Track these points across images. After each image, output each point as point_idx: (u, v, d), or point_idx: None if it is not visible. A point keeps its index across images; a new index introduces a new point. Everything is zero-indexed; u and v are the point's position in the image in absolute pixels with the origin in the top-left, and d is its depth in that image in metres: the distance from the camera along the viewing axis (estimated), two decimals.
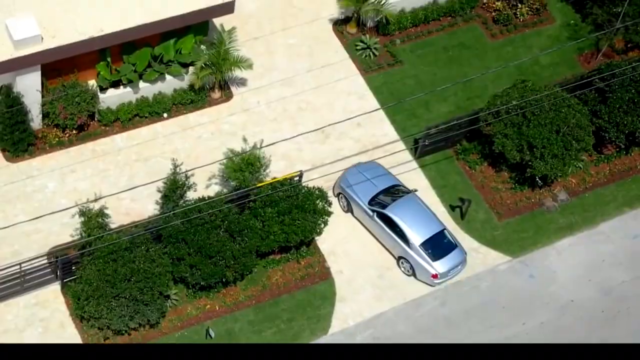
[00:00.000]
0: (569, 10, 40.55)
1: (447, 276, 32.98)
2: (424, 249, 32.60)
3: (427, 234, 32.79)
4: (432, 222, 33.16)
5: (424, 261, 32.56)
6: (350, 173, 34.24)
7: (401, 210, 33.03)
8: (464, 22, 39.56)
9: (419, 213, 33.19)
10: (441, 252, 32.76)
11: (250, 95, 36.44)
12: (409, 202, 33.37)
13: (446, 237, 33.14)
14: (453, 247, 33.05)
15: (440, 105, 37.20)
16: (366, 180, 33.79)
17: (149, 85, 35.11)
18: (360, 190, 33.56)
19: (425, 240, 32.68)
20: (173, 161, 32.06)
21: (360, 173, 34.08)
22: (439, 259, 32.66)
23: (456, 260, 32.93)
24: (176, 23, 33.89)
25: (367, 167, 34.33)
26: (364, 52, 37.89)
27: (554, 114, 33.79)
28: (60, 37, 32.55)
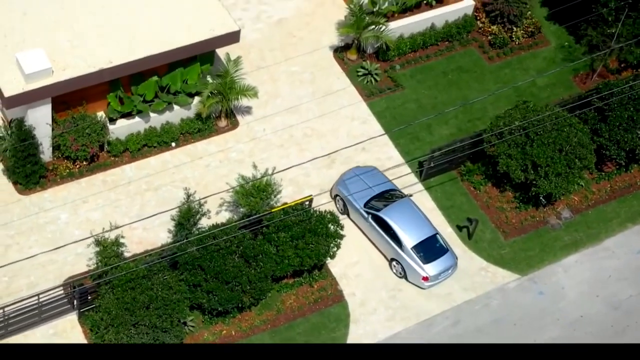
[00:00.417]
0: (562, 32, 41.21)
1: (438, 279, 33.50)
2: (415, 251, 33.22)
3: (420, 237, 33.44)
4: (425, 226, 33.80)
5: (416, 264, 33.16)
6: (347, 176, 34.96)
7: (395, 213, 33.68)
8: (461, 46, 40.11)
9: (412, 217, 33.82)
10: (432, 256, 33.35)
11: (256, 123, 36.76)
12: (404, 206, 34.02)
13: (438, 241, 33.76)
14: (444, 251, 33.66)
15: (442, 128, 37.65)
16: (363, 183, 34.43)
17: (157, 115, 35.37)
18: (357, 193, 34.15)
19: (418, 243, 33.34)
20: (186, 190, 32.27)
21: (358, 177, 34.81)
22: (430, 262, 33.26)
23: (447, 264, 33.48)
24: (183, 53, 34.21)
25: (364, 171, 35.08)
26: (365, 78, 38.33)
27: (556, 134, 34.30)
28: (70, 69, 32.79)
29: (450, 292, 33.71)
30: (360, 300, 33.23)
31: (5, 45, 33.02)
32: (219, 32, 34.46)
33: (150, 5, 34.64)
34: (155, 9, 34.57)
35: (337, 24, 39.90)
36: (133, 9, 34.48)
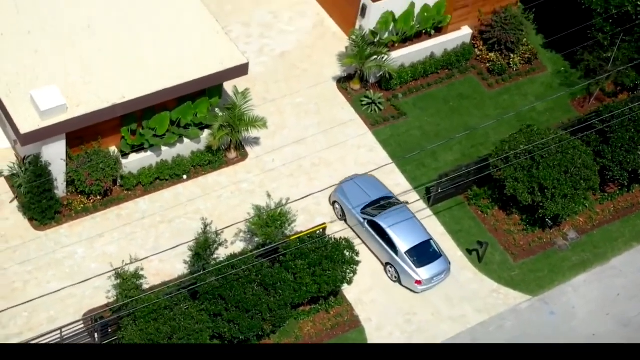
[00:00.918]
0: (558, 58, 41.84)
1: (431, 283, 34.05)
2: (409, 256, 33.86)
3: (413, 242, 34.12)
4: (419, 232, 34.50)
5: (409, 268, 33.76)
6: (346, 184, 35.70)
7: (390, 219, 34.41)
8: (461, 73, 40.65)
9: (407, 223, 34.48)
10: (426, 260, 34.01)
11: (265, 154, 37.03)
12: (399, 213, 34.72)
13: (432, 246, 34.40)
14: (438, 256, 34.29)
15: (446, 154, 38.06)
16: (361, 190, 35.07)
17: (168, 148, 35.58)
18: (354, 199, 34.97)
19: (411, 248, 33.99)
20: (203, 220, 32.43)
21: (356, 184, 35.42)
22: (423, 266, 33.86)
23: (440, 268, 34.10)
24: (194, 87, 34.49)
25: (363, 179, 35.75)
26: (370, 107, 38.74)
27: (561, 156, 34.78)
28: (84, 105, 32.98)
29: (464, 314, 33.98)
30: (376, 325, 33.42)
31: (18, 83, 33.18)
32: (228, 65, 34.79)
33: (160, 39, 34.94)
34: (164, 44, 34.86)
35: (338, 55, 40.36)
36: (142, 44, 34.76)
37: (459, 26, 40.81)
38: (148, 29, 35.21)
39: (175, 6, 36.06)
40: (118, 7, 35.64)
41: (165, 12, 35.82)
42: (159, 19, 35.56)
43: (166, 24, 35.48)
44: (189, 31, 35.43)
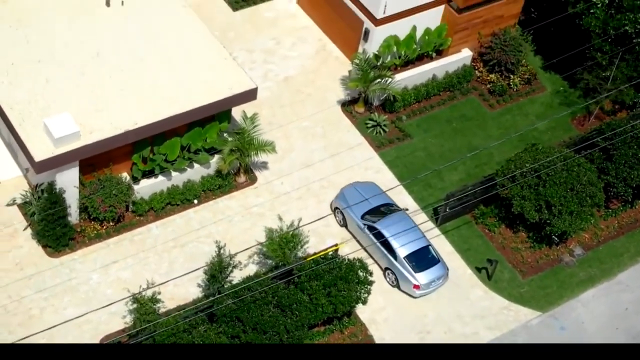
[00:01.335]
0: (557, 78, 42.28)
1: (429, 288, 34.46)
2: (408, 261, 34.25)
3: (412, 247, 34.47)
4: (417, 238, 34.86)
5: (408, 272, 34.14)
6: (347, 190, 36.08)
7: (390, 225, 34.80)
8: (462, 95, 40.98)
9: (406, 229, 34.78)
10: (424, 265, 34.43)
11: (273, 177, 37.18)
12: (399, 219, 35.09)
13: (430, 252, 34.82)
14: (436, 262, 34.71)
15: (451, 175, 38.31)
16: (361, 197, 35.46)
17: (179, 174, 35.67)
18: (355, 206, 35.29)
19: (410, 253, 34.36)
20: (217, 243, 32.50)
21: (357, 191, 35.84)
22: (421, 271, 34.25)
23: (438, 273, 34.51)
24: (204, 112, 34.64)
25: (363, 186, 36.16)
26: (375, 130, 39.00)
27: (566, 174, 35.08)
28: (96, 132, 33.06)
29: (476, 331, 34.13)
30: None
31: (31, 112, 33.25)
32: (237, 91, 34.98)
33: (169, 66, 35.10)
34: (173, 70, 35.02)
35: (341, 79, 40.66)
36: (151, 71, 34.91)
37: (460, 48, 41.17)
38: (156, 56, 35.37)
39: (183, 33, 36.27)
40: (125, 35, 35.81)
41: (173, 40, 36.01)
42: (167, 46, 35.73)
43: (174, 51, 35.65)
44: (198, 58, 35.61)
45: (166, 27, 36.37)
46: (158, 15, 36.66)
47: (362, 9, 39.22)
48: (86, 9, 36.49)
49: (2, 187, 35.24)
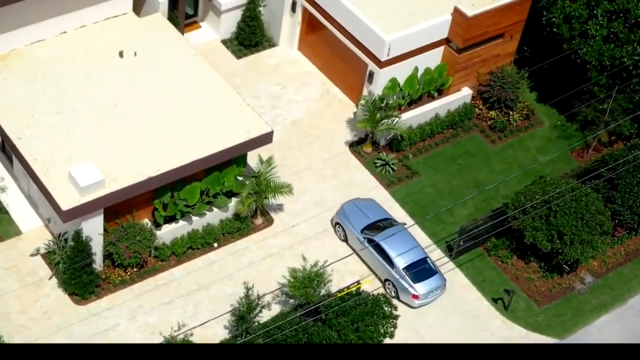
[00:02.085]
0: (553, 113, 43.04)
1: (427, 298, 35.22)
2: (406, 272, 35.11)
3: (411, 259, 35.38)
4: (415, 250, 35.77)
5: (406, 283, 35.00)
6: (348, 206, 36.99)
7: (389, 238, 35.73)
8: (464, 132, 41.60)
9: (404, 242, 35.77)
10: (422, 276, 35.27)
11: (289, 219, 37.43)
12: (397, 233, 36.01)
13: (428, 264, 35.66)
14: (433, 273, 35.54)
15: (461, 209, 38.78)
16: (362, 213, 36.42)
17: (198, 218, 35.81)
18: (355, 221, 36.36)
19: (408, 264, 35.24)
20: (245, 284, 32.62)
21: (357, 207, 36.73)
22: (419, 281, 35.10)
23: (435, 284, 35.35)
24: (223, 157, 34.92)
25: (363, 202, 37.13)
26: (383, 168, 39.44)
27: (575, 204, 35.66)
28: (120, 180, 33.19)
29: None
30: None
31: (54, 162, 33.35)
32: (253, 135, 35.31)
33: (185, 113, 35.38)
34: (190, 117, 35.31)
35: (347, 121, 41.13)
36: (169, 118, 35.17)
37: (460, 87, 41.84)
38: (172, 104, 35.66)
39: (196, 81, 36.61)
40: (141, 85, 36.09)
41: (187, 87, 36.34)
42: (182, 94, 36.05)
43: (189, 98, 35.97)
44: (213, 104, 35.95)
45: (179, 76, 36.70)
46: (171, 65, 37.00)
47: (366, 53, 39.78)
48: (100, 61, 36.77)
49: (24, 238, 35.18)
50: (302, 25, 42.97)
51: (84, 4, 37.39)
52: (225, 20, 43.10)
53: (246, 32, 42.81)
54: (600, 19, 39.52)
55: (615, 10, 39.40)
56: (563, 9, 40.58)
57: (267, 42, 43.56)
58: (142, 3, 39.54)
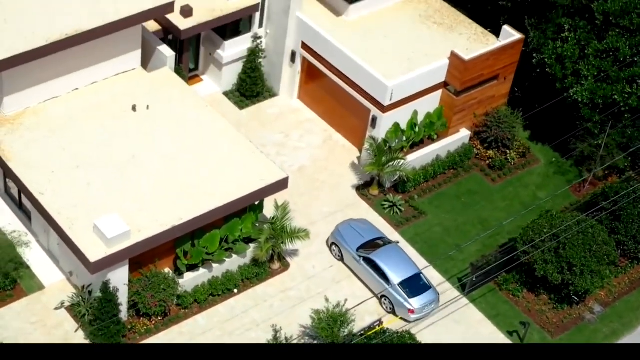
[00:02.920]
0: (548, 150, 43.78)
1: (422, 312, 35.95)
2: (402, 287, 35.89)
3: (405, 275, 36.15)
4: (409, 266, 36.60)
5: (402, 298, 35.72)
6: (343, 227, 37.80)
7: (383, 255, 36.57)
8: (465, 171, 42.16)
9: (399, 258, 36.67)
10: (417, 291, 36.06)
11: (305, 262, 37.61)
12: (391, 250, 36.92)
13: (422, 279, 36.45)
14: (427, 288, 36.32)
15: (469, 246, 39.19)
16: (356, 232, 37.28)
17: (218, 265, 35.86)
18: (350, 240, 37.23)
19: (403, 280, 36.00)
20: (273, 327, 32.67)
21: (351, 227, 37.58)
22: (415, 296, 35.86)
23: (430, 298, 36.13)
24: (242, 204, 35.10)
25: (357, 223, 37.96)
26: (391, 210, 39.82)
27: (583, 236, 36.25)
28: (145, 230, 33.21)
29: None
30: None
31: (78, 215, 33.33)
32: (270, 181, 35.55)
33: (202, 162, 35.57)
34: (207, 166, 35.49)
35: (351, 165, 41.56)
36: (187, 168, 35.32)
37: (458, 129, 42.46)
38: (189, 154, 35.84)
39: (209, 130, 36.86)
40: (156, 136, 36.26)
41: (201, 137, 36.57)
42: (197, 144, 36.26)
43: (205, 147, 36.18)
44: (228, 152, 36.18)
45: (193, 126, 36.94)
46: (183, 116, 37.24)
47: (368, 98, 40.31)
48: (114, 115, 36.91)
49: (47, 292, 34.98)
50: (302, 74, 43.48)
51: (94, 62, 37.58)
52: (227, 73, 43.49)
53: (248, 84, 43.21)
54: (591, 58, 40.42)
55: (605, 49, 40.34)
56: (555, 49, 41.47)
57: (267, 92, 43.98)
58: (149, 58, 39.82)
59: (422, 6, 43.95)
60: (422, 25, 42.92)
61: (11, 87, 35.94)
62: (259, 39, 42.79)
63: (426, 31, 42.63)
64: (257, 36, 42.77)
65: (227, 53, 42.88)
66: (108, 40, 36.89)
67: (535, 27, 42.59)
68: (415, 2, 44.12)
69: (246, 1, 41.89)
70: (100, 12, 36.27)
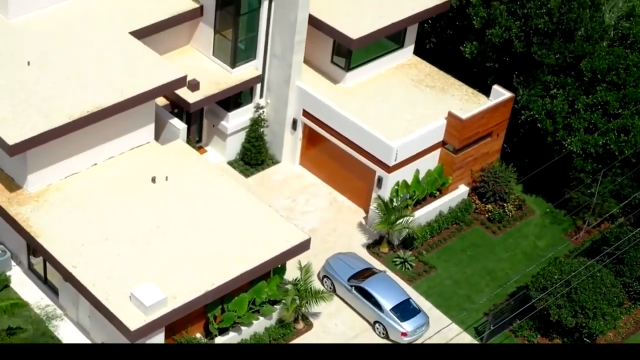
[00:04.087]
0: (541, 201, 44.67)
1: (415, 335, 37.14)
2: (394, 312, 37.18)
3: (396, 301, 37.51)
4: (399, 293, 37.95)
5: (395, 322, 36.99)
6: (332, 260, 39.17)
7: (374, 284, 37.92)
8: (467, 225, 42.81)
9: (388, 286, 38.03)
10: (408, 315, 37.41)
11: (327, 320, 37.72)
12: (380, 278, 38.33)
13: (411, 304, 37.80)
14: (417, 312, 37.67)
15: (479, 297, 39.69)
16: (345, 264, 38.65)
17: (247, 327, 35.81)
18: (341, 271, 38.58)
19: (395, 305, 37.34)
20: None
21: (341, 260, 38.94)
22: (406, 320, 37.14)
23: (421, 321, 37.45)
24: (268, 266, 35.28)
25: (345, 256, 39.34)
26: (402, 266, 40.23)
27: (592, 280, 36.97)
28: (180, 296, 33.14)
29: None
30: None
31: (112, 286, 33.26)
32: (294, 243, 35.77)
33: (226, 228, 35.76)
34: (231, 231, 35.69)
35: (358, 225, 41.95)
36: (212, 234, 35.46)
37: (457, 185, 43.20)
38: (212, 221, 36.01)
39: (228, 197, 37.09)
40: (179, 205, 36.37)
41: (222, 204, 36.79)
42: (219, 210, 36.46)
43: (226, 213, 36.38)
44: (249, 217, 36.38)
45: (212, 194, 37.14)
46: (201, 184, 37.43)
47: (373, 160, 40.90)
48: (135, 188, 36.97)
49: None
50: (303, 141, 43.98)
51: (111, 137, 37.71)
52: (231, 143, 43.83)
53: (252, 152, 43.56)
54: (582, 112, 41.57)
55: (594, 103, 41.54)
56: (544, 106, 42.58)
57: (270, 159, 44.35)
58: (160, 132, 40.02)
59: (412, 71, 44.91)
60: (416, 89, 43.83)
61: (35, 165, 35.87)
62: (262, 109, 43.28)
63: (420, 94, 43.53)
64: (259, 106, 43.26)
65: (231, 124, 43.27)
66: (124, 116, 37.07)
67: (524, 85, 43.72)
68: (406, 67, 45.08)
69: (248, 73, 42.47)
70: (117, 89, 36.52)
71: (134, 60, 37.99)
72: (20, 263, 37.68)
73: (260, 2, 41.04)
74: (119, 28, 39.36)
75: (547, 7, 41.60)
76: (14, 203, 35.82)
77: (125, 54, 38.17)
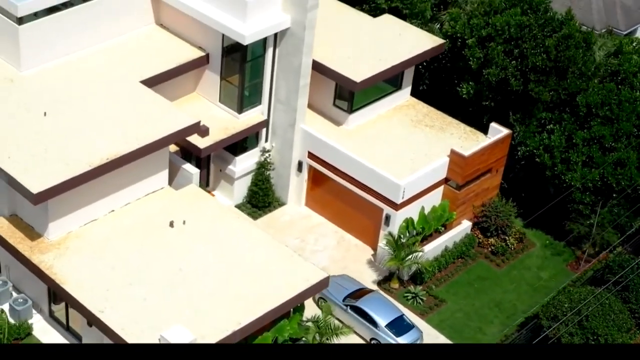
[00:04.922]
0: (540, 234, 45.21)
1: None
2: (389, 328, 38.15)
3: (390, 317, 38.54)
4: (392, 310, 38.90)
5: (390, 338, 37.96)
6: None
7: (368, 302, 38.97)
8: (472, 259, 43.19)
9: (382, 304, 39.09)
10: (402, 330, 38.39)
11: None
12: (374, 297, 39.39)
13: (405, 320, 38.72)
14: (411, 327, 38.55)
15: (490, 328, 39.98)
16: (339, 286, 39.54)
17: None
18: (336, 293, 39.52)
19: (389, 322, 38.37)
20: None
21: (335, 282, 39.24)
22: (401, 335, 38.15)
23: (415, 336, 38.37)
24: (290, 305, 35.27)
25: (338, 278, 39.95)
26: (414, 300, 40.43)
27: (600, 307, 37.44)
28: (208, 337, 33.01)
29: None
30: None
31: (142, 330, 33.02)
32: (313, 281, 35.83)
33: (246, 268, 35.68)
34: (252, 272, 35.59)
35: (367, 262, 42.15)
36: (233, 275, 35.38)
37: (460, 221, 43.62)
38: (232, 262, 35.95)
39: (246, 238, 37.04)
40: (198, 248, 36.33)
41: (240, 245, 36.74)
42: (238, 252, 36.41)
43: (246, 254, 36.33)
44: (267, 257, 36.34)
45: (230, 235, 37.12)
46: (219, 227, 37.43)
47: (381, 199, 41.22)
48: (153, 232, 36.90)
49: None
50: (308, 182, 44.22)
51: (127, 183, 37.67)
52: (238, 187, 43.95)
53: (260, 195, 43.71)
54: (580, 146, 42.28)
55: (591, 137, 42.29)
56: (541, 141, 43.25)
57: (276, 201, 44.50)
58: (173, 177, 40.06)
59: (411, 112, 45.47)
60: (416, 129, 44.34)
61: (56, 213, 35.72)
62: (267, 152, 43.51)
63: (420, 133, 44.05)
64: (265, 150, 43.49)
65: (239, 168, 43.43)
66: (140, 162, 37.08)
67: (520, 122, 44.41)
68: (405, 108, 45.64)
69: (255, 118, 42.75)
70: (133, 136, 36.57)
71: (146, 108, 38.12)
72: (41, 311, 37.35)
73: (265, 49, 41.43)
74: (130, 77, 39.49)
75: (545, 46, 42.44)
76: (36, 251, 35.60)
77: (138, 103, 38.29)
